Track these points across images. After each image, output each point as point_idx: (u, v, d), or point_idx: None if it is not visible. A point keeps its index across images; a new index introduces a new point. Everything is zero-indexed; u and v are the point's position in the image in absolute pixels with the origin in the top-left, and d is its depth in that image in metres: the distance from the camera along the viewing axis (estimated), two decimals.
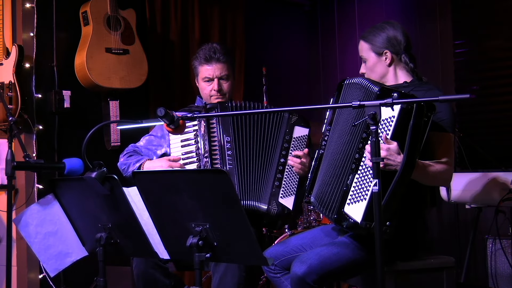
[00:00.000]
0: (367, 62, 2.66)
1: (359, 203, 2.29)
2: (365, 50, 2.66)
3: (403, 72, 2.62)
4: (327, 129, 2.65)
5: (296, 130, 2.89)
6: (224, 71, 3.01)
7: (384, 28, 2.62)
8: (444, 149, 2.44)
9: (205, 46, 3.08)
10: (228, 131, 2.86)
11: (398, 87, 2.54)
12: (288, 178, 2.85)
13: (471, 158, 4.13)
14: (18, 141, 2.65)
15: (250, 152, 2.86)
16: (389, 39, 2.60)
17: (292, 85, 5.33)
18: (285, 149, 2.87)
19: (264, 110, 2.95)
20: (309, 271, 2.32)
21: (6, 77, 3.59)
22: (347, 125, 2.48)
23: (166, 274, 2.76)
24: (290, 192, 2.84)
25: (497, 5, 4.32)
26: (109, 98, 4.02)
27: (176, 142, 2.92)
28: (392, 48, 2.60)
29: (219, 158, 2.84)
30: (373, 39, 2.62)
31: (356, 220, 2.28)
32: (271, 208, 2.81)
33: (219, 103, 2.95)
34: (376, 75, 2.64)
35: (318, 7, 5.50)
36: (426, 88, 2.53)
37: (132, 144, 3.09)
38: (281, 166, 2.85)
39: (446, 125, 2.44)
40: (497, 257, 3.60)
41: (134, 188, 2.07)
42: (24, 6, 3.77)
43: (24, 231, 2.34)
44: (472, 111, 4.47)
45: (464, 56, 4.53)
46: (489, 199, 3.46)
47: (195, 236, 1.93)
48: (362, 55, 2.68)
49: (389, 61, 2.60)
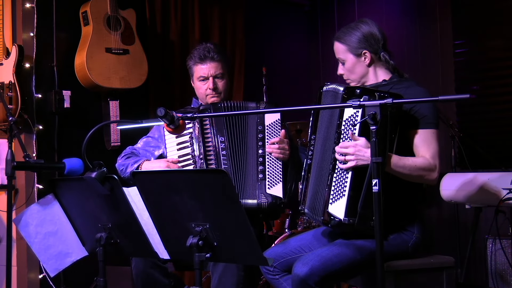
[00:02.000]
0: (346, 63, 2.60)
1: (340, 200, 2.33)
2: (341, 51, 2.60)
3: (383, 70, 2.58)
4: (312, 138, 2.61)
5: (266, 117, 2.87)
6: (218, 69, 3.01)
7: (359, 26, 2.57)
8: (426, 145, 2.42)
9: (199, 46, 3.09)
10: (222, 132, 2.87)
11: (377, 86, 2.54)
12: (271, 168, 2.83)
13: (471, 158, 4.13)
14: (18, 141, 2.65)
15: (240, 150, 2.87)
16: (366, 38, 2.54)
17: (292, 85, 5.33)
18: (261, 139, 2.85)
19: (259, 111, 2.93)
20: (310, 272, 2.32)
21: (6, 77, 3.59)
22: (326, 131, 2.49)
23: (165, 274, 2.76)
24: (277, 181, 2.82)
25: (497, 5, 4.32)
26: (109, 98, 4.02)
27: (172, 146, 2.92)
28: (371, 48, 2.55)
29: (214, 159, 2.85)
30: (349, 40, 2.56)
31: (339, 218, 2.32)
32: (261, 202, 2.79)
33: (211, 104, 2.96)
34: (355, 76, 2.60)
35: (318, 7, 5.50)
36: (405, 85, 2.50)
37: (130, 146, 3.10)
38: (261, 158, 2.84)
39: (428, 121, 2.42)
40: (497, 257, 3.60)
41: (134, 188, 2.07)
42: (24, 6, 3.77)
43: (24, 231, 2.34)
44: (472, 111, 4.47)
45: (464, 56, 4.53)
46: (489, 199, 3.46)
47: (195, 236, 1.93)
48: (339, 57, 2.62)
49: (369, 61, 2.56)
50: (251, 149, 2.87)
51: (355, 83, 2.62)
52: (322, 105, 2.57)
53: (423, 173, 2.40)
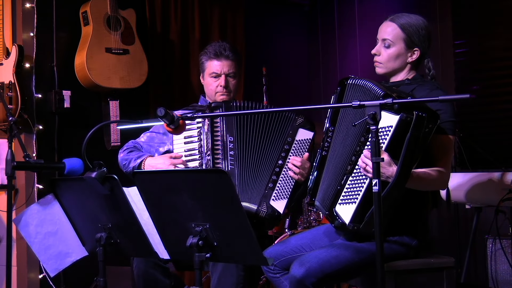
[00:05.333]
0: (391, 48, 2.49)
1: (350, 205, 2.29)
2: (395, 36, 2.49)
3: (414, 72, 2.53)
4: (329, 129, 2.55)
5: (300, 132, 2.85)
6: (232, 68, 3.02)
7: (425, 23, 2.50)
8: (442, 152, 2.37)
9: (215, 43, 3.11)
10: (231, 131, 2.84)
11: (399, 84, 2.50)
12: (284, 181, 2.81)
13: (471, 158, 4.13)
14: (18, 141, 2.64)
15: (251, 152, 2.84)
16: (425, 37, 2.48)
17: (292, 85, 5.33)
18: (285, 151, 2.83)
19: (269, 110, 2.92)
20: (307, 274, 2.31)
21: (6, 77, 3.59)
22: (350, 127, 2.41)
23: (166, 274, 2.76)
24: (283, 196, 2.80)
25: (497, 5, 4.31)
26: (109, 98, 4.02)
27: (179, 138, 2.90)
28: (423, 49, 2.49)
29: (222, 158, 2.83)
30: (411, 31, 2.47)
31: (344, 221, 2.31)
32: (260, 209, 2.78)
33: (224, 102, 2.93)
34: (392, 64, 2.51)
35: (318, 7, 5.50)
36: (428, 87, 2.45)
37: (132, 140, 3.09)
38: (278, 168, 2.82)
39: (448, 127, 2.37)
40: (497, 257, 3.60)
41: (134, 188, 2.07)
42: (24, 6, 3.77)
43: (24, 231, 2.34)
44: (472, 111, 4.46)
45: (464, 56, 4.53)
46: (489, 199, 3.46)
47: (195, 236, 1.93)
48: (387, 38, 2.50)
49: (414, 59, 2.50)
50: (268, 154, 2.84)
51: (384, 70, 2.54)
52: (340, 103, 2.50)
53: (439, 184, 2.39)
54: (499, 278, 3.58)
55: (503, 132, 4.29)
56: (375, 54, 2.55)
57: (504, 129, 4.29)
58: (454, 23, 4.54)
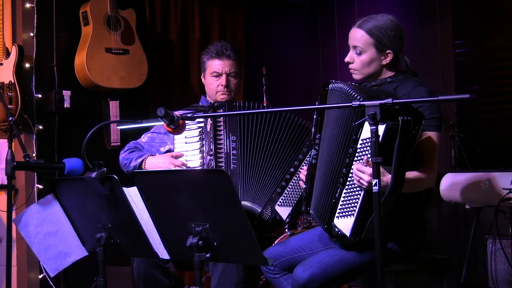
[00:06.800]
0: (363, 55, 2.46)
1: (348, 218, 2.27)
2: (364, 42, 2.45)
3: (391, 70, 2.50)
4: (316, 137, 2.50)
5: None
6: (233, 68, 3.03)
7: (392, 24, 2.46)
8: (428, 150, 2.35)
9: (217, 42, 3.13)
10: (234, 131, 2.84)
11: (383, 83, 2.47)
12: (292, 189, 2.83)
13: (471, 158, 4.13)
14: (18, 141, 2.64)
15: (257, 153, 2.84)
16: (395, 38, 2.44)
17: (292, 85, 5.32)
18: (298, 160, 2.85)
19: (271, 110, 2.91)
20: (311, 279, 2.32)
21: (6, 77, 3.59)
22: (334, 134, 2.38)
23: (166, 274, 2.76)
24: (289, 203, 2.82)
25: (497, 5, 4.31)
26: (109, 98, 4.02)
27: (180, 138, 2.90)
28: (395, 50, 2.46)
29: (224, 158, 2.82)
30: (381, 37, 2.44)
31: (345, 234, 2.29)
32: (264, 212, 2.79)
33: (227, 102, 2.93)
34: (367, 70, 2.48)
35: (318, 7, 5.50)
36: (411, 84, 2.41)
37: (133, 141, 3.09)
38: (289, 175, 2.83)
39: (431, 124, 2.34)
40: (497, 257, 3.59)
41: (134, 188, 2.07)
42: (24, 6, 3.77)
43: (24, 231, 2.34)
44: (472, 111, 4.46)
45: (464, 56, 4.53)
46: (489, 199, 3.45)
47: (195, 236, 1.93)
48: (357, 45, 2.46)
49: (387, 62, 2.47)
50: (280, 160, 2.84)
51: (360, 76, 2.51)
52: (327, 104, 2.47)
53: (428, 185, 2.36)
54: (499, 278, 3.58)
55: (503, 132, 4.29)
56: (349, 62, 2.51)
57: (504, 129, 4.29)
58: (454, 23, 4.54)
